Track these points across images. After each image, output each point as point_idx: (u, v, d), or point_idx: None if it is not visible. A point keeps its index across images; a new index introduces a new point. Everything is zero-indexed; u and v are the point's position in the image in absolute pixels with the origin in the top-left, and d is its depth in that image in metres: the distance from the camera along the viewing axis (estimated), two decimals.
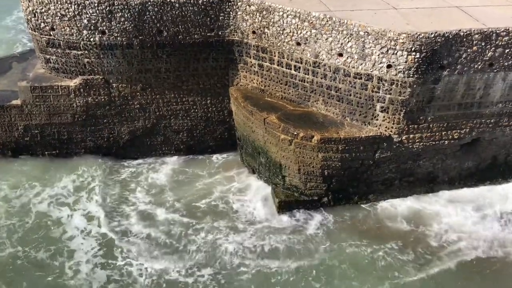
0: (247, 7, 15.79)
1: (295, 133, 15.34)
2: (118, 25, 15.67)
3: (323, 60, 15.15)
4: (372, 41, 13.95)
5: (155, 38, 16.09)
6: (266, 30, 15.80)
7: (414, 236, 15.65)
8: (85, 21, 15.58)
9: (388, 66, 14.10)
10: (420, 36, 13.43)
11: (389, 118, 15.06)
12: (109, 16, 15.48)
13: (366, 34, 13.98)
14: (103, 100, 17.35)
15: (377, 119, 15.25)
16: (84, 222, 15.80)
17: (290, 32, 15.33)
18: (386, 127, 15.27)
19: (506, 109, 15.67)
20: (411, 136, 15.47)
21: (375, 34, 13.85)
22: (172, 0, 15.47)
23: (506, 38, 13.95)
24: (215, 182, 17.84)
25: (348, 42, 14.39)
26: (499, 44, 14.00)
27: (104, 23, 15.62)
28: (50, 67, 17.22)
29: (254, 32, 16.15)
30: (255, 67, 16.89)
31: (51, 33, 16.11)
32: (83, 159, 18.26)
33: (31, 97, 17.02)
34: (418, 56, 13.67)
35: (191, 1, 15.57)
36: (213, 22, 16.16)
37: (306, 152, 15.51)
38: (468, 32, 13.69)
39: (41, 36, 16.35)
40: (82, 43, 16.07)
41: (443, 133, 15.71)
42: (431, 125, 15.42)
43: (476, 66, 14.33)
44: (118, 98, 17.40)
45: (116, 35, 15.86)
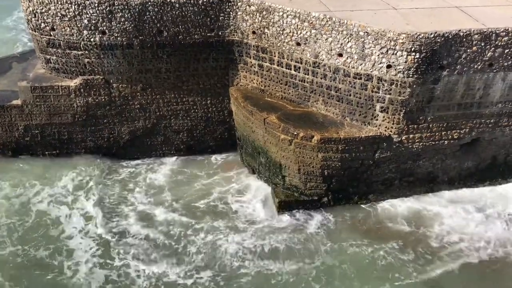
0: (247, 7, 15.81)
1: (295, 133, 15.35)
2: (118, 25, 15.69)
3: (323, 60, 15.16)
4: (372, 41, 13.96)
5: (155, 38, 16.11)
6: (266, 30, 15.82)
7: (415, 237, 15.61)
8: (85, 21, 15.60)
9: (388, 66, 14.12)
10: (420, 36, 13.45)
11: (389, 118, 15.07)
12: (109, 16, 15.51)
13: (366, 34, 14.00)
14: (103, 100, 17.37)
15: (377, 119, 15.27)
16: (82, 222, 15.79)
17: (290, 32, 15.35)
18: (386, 127, 15.28)
19: (505, 109, 15.68)
20: (411, 136, 15.48)
21: (375, 34, 13.86)
22: (172, 0, 15.49)
23: (505, 38, 13.96)
24: (213, 182, 17.82)
25: (348, 42, 14.41)
26: (499, 44, 14.02)
27: (104, 23, 15.65)
28: (50, 67, 17.24)
29: (254, 32, 16.17)
30: (255, 67, 16.91)
31: (52, 33, 16.13)
32: (82, 159, 18.25)
33: (32, 97, 17.04)
34: (417, 56, 13.69)
35: (191, 1, 15.59)
36: (213, 22, 16.19)
37: (306, 152, 15.52)
38: (467, 32, 13.70)
39: (41, 36, 16.37)
40: (82, 43, 16.09)
41: (442, 133, 15.72)
42: (430, 125, 15.43)
43: (475, 66, 14.34)
44: (118, 98, 17.42)
45: (116, 35, 15.89)
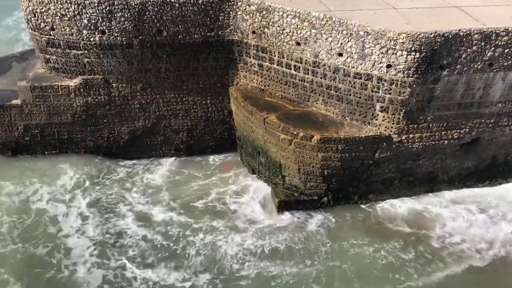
0: (247, 7, 15.80)
1: (295, 133, 15.34)
2: (118, 25, 15.68)
3: (322, 60, 15.15)
4: (372, 41, 13.95)
5: (155, 38, 16.10)
6: (266, 30, 15.81)
7: (416, 237, 15.56)
8: (85, 21, 15.59)
9: (388, 66, 14.11)
10: (420, 36, 13.44)
11: (388, 118, 15.06)
12: (109, 16, 15.49)
13: (366, 34, 13.99)
14: (103, 100, 17.36)
15: (376, 119, 15.26)
16: (80, 221, 15.82)
17: (290, 32, 15.34)
18: (386, 127, 15.27)
19: (505, 109, 15.67)
20: (411, 136, 15.47)
21: (375, 34, 13.85)
22: (172, 0, 15.48)
23: (505, 38, 13.95)
24: (211, 183, 17.79)
25: (348, 42, 14.40)
26: (499, 44, 14.00)
27: (104, 23, 15.64)
28: (50, 67, 17.23)
29: (254, 32, 16.16)
30: (255, 67, 16.89)
31: (51, 33, 16.13)
32: (82, 158, 18.25)
33: (31, 96, 17.03)
34: (417, 56, 13.68)
35: (191, 1, 15.58)
36: (213, 22, 16.17)
37: (306, 152, 15.52)
38: (467, 32, 13.69)
39: (41, 36, 16.36)
40: (82, 43, 16.08)
41: (442, 133, 15.71)
42: (430, 125, 15.42)
43: (475, 66, 14.33)
44: (118, 98, 17.41)
45: (116, 35, 15.87)
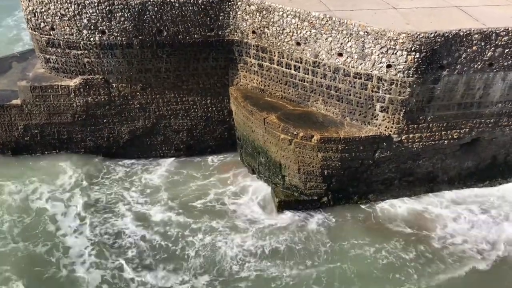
0: (247, 6, 15.80)
1: (295, 132, 15.34)
2: (118, 24, 15.68)
3: (322, 60, 15.15)
4: (372, 41, 13.95)
5: (155, 37, 16.10)
6: (266, 30, 15.80)
7: (417, 238, 15.52)
8: (85, 20, 15.59)
9: (388, 66, 14.11)
10: (420, 36, 13.44)
11: (388, 118, 15.06)
12: (109, 15, 15.49)
13: (366, 34, 13.99)
14: (103, 99, 17.36)
15: (376, 119, 15.25)
16: (78, 220, 15.84)
17: (290, 32, 15.34)
18: (386, 127, 15.27)
19: (505, 109, 15.67)
20: (411, 136, 15.47)
21: (375, 34, 13.85)
22: (172, 0, 15.48)
23: (505, 38, 13.95)
24: (209, 184, 17.78)
25: (348, 42, 14.40)
26: (499, 44, 14.00)
27: (104, 22, 15.64)
28: (50, 67, 17.23)
29: (254, 32, 16.16)
30: (255, 67, 16.89)
31: (51, 32, 16.13)
32: (82, 158, 18.25)
33: (31, 96, 17.03)
34: (417, 56, 13.68)
35: (191, 1, 15.57)
36: (213, 21, 16.17)
37: (306, 152, 15.51)
38: (467, 32, 13.69)
39: (41, 35, 16.36)
40: (82, 42, 16.08)
41: (442, 133, 15.71)
42: (430, 125, 15.42)
43: (475, 66, 14.33)
44: (118, 97, 17.41)
45: (116, 34, 15.87)
